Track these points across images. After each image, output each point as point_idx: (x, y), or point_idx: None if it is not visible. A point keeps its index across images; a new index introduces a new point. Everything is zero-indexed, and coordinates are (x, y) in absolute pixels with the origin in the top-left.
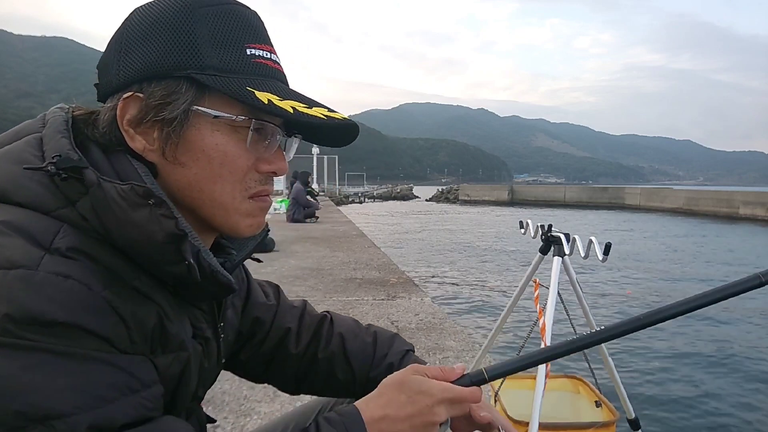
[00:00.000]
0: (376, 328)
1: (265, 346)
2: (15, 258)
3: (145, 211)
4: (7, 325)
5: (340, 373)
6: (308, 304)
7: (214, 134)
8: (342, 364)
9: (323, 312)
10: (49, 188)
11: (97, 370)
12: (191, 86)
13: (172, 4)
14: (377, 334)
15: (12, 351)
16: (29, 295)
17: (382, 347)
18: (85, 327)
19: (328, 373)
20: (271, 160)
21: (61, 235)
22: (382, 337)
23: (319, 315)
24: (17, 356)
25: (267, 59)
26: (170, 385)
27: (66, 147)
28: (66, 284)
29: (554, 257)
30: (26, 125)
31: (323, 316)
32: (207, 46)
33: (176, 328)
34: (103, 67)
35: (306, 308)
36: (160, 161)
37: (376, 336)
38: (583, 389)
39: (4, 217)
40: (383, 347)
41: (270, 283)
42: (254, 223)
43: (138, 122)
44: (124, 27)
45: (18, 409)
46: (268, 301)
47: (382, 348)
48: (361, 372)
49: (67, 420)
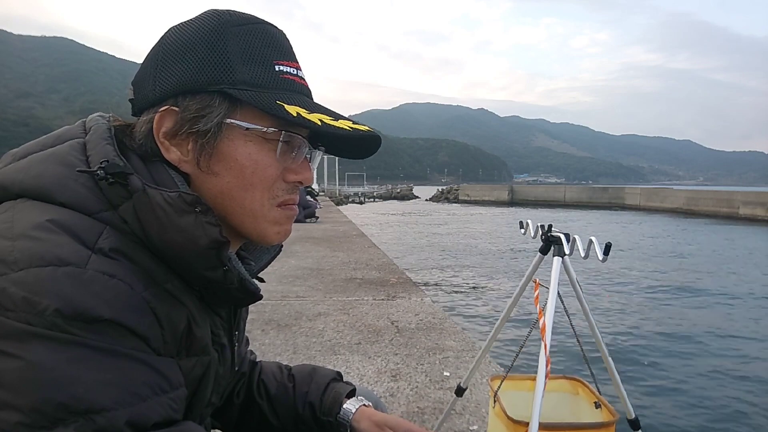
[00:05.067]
0: (295, 368)
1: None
2: (64, 255)
3: (191, 217)
4: (56, 319)
5: (271, 418)
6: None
7: (246, 145)
8: (269, 411)
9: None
10: (92, 191)
11: (135, 368)
12: (224, 100)
13: (206, 24)
14: (295, 376)
15: (59, 344)
16: (78, 292)
17: (301, 386)
18: (127, 325)
19: (260, 420)
20: (298, 170)
21: (104, 236)
22: (300, 376)
23: (251, 362)
24: (64, 349)
25: (294, 75)
26: (190, 389)
27: (112, 153)
28: (111, 283)
29: (554, 257)
30: (67, 130)
31: (254, 363)
32: (238, 63)
33: (201, 332)
34: (138, 83)
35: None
36: (194, 171)
37: (294, 377)
38: (582, 390)
39: (51, 216)
40: (302, 386)
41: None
42: (281, 230)
43: (173, 134)
44: (160, 45)
45: (61, 401)
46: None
47: (302, 387)
48: (286, 415)
49: (107, 414)
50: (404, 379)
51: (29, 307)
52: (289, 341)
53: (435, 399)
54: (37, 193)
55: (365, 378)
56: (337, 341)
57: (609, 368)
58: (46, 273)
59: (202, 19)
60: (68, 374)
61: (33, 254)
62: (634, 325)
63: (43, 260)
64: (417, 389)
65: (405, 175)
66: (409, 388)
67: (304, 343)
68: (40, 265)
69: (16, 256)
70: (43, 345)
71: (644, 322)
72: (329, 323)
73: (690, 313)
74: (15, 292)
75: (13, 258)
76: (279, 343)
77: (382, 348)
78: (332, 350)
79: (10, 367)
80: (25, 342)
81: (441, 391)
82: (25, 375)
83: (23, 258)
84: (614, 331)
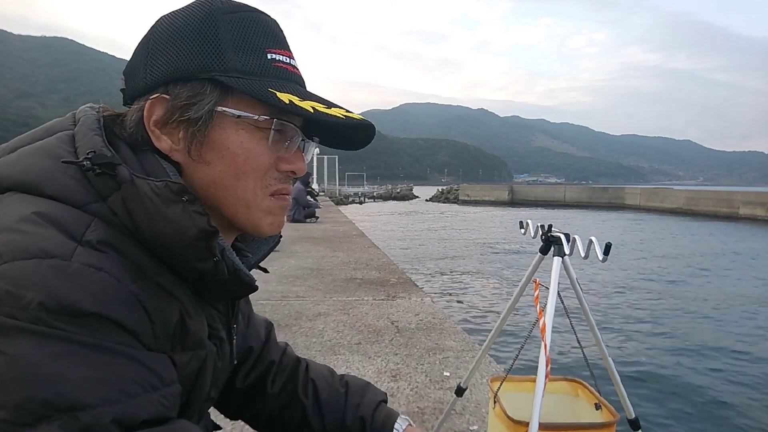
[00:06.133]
0: (348, 378)
1: (249, 379)
2: (49, 248)
3: (178, 207)
4: (40, 313)
5: (312, 420)
6: (289, 347)
7: (238, 133)
8: (314, 412)
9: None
10: (81, 183)
11: (123, 364)
12: (215, 88)
13: (197, 12)
14: (349, 384)
15: (43, 339)
16: (63, 285)
17: (354, 397)
18: (114, 319)
19: (300, 419)
20: (291, 159)
21: (92, 228)
22: (354, 387)
23: (296, 357)
24: (48, 344)
25: (286, 63)
26: (187, 384)
27: (99, 144)
28: (98, 276)
29: (554, 257)
30: (56, 122)
31: (299, 359)
32: (230, 51)
33: (196, 326)
34: (129, 72)
35: (287, 350)
36: (185, 160)
37: (348, 386)
38: (582, 392)
39: (38, 208)
40: (355, 397)
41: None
42: (275, 221)
43: (164, 123)
44: (151, 33)
45: (46, 398)
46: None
47: (354, 398)
48: (332, 422)
49: (92, 412)
50: (404, 379)
51: (13, 301)
52: (289, 341)
53: (435, 399)
54: (26, 186)
55: (365, 378)
56: (337, 341)
57: (609, 368)
58: (30, 266)
59: (193, 6)
60: (53, 370)
61: (17, 247)
62: (635, 325)
63: (27, 253)
64: (417, 389)
65: (405, 175)
66: (409, 388)
67: (304, 343)
68: (24, 257)
69: (0, 249)
70: (27, 340)
71: (645, 323)
72: (329, 323)
73: (690, 314)
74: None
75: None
76: None
77: (382, 348)
78: (332, 350)
79: None
80: (9, 336)
81: (441, 391)
82: (9, 371)
83: (7, 251)
84: (614, 331)
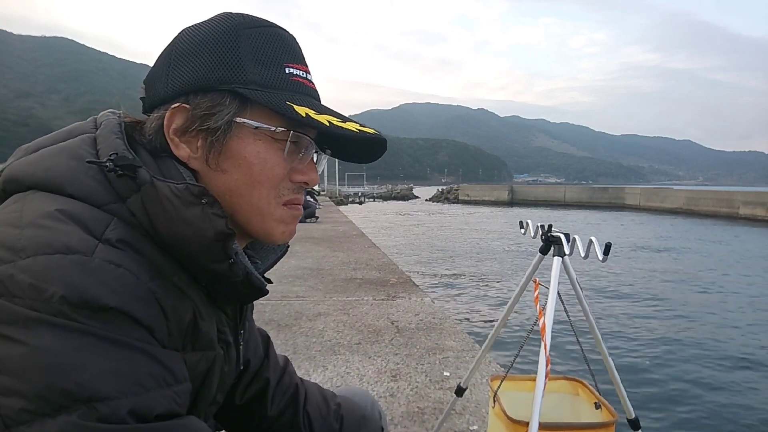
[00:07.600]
0: (344, 410)
1: (247, 394)
2: (72, 244)
3: (198, 209)
4: (62, 306)
5: None
6: (289, 363)
7: (255, 143)
8: None
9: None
10: (101, 183)
11: (140, 358)
12: (234, 99)
13: (220, 26)
14: (344, 419)
15: (64, 331)
16: (85, 280)
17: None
18: (133, 314)
19: None
20: (304, 170)
21: (111, 227)
22: (349, 421)
23: (295, 383)
24: (69, 337)
25: (303, 78)
26: (195, 384)
27: (121, 147)
28: (118, 272)
29: (554, 257)
30: (78, 126)
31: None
32: (250, 64)
33: (207, 327)
34: (150, 81)
35: (287, 368)
36: (202, 168)
37: (342, 421)
38: (582, 391)
39: (60, 206)
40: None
41: (261, 331)
42: (287, 230)
43: (183, 131)
44: (174, 44)
45: (66, 388)
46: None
47: None
48: None
49: (110, 403)
50: (404, 379)
51: (36, 294)
52: (289, 341)
53: (435, 399)
54: (48, 185)
55: (365, 378)
56: (337, 341)
57: (609, 368)
58: (53, 260)
59: (215, 20)
60: (73, 361)
61: (40, 242)
62: (635, 325)
63: (50, 248)
64: (417, 389)
65: (405, 175)
66: (409, 388)
67: (304, 343)
68: (47, 252)
69: (23, 243)
70: (48, 331)
71: (644, 322)
72: (329, 323)
73: (690, 313)
74: (22, 279)
75: (21, 245)
76: (279, 343)
77: (382, 348)
78: (332, 350)
79: (15, 353)
80: (31, 328)
81: (441, 391)
82: (30, 361)
83: (31, 245)
84: (614, 331)
